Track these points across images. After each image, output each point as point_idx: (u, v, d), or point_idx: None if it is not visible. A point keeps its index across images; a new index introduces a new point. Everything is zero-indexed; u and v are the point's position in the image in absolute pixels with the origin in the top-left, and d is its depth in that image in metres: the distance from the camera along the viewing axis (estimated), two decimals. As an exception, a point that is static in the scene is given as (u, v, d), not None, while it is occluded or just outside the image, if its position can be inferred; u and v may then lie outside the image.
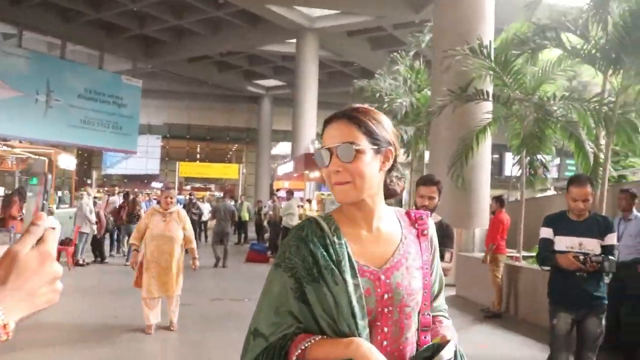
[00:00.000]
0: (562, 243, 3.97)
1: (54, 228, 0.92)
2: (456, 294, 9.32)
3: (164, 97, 35.83)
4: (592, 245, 3.90)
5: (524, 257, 8.68)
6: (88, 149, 30.00)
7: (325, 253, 1.41)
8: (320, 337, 1.35)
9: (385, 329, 1.42)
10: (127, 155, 35.78)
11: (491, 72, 8.75)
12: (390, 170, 1.54)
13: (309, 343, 1.34)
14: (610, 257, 3.85)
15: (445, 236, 3.70)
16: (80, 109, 24.74)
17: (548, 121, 8.14)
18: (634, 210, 6.06)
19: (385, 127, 1.49)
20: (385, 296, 1.43)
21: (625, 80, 7.66)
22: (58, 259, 7.27)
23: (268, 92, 35.25)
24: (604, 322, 4.01)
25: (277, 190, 26.96)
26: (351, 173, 1.41)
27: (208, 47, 26.39)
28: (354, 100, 9.34)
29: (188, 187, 37.67)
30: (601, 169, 7.88)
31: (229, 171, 39.92)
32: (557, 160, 23.06)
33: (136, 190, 29.08)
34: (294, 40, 23.70)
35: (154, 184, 38.29)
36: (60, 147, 26.61)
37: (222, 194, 22.83)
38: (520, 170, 8.88)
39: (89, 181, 32.55)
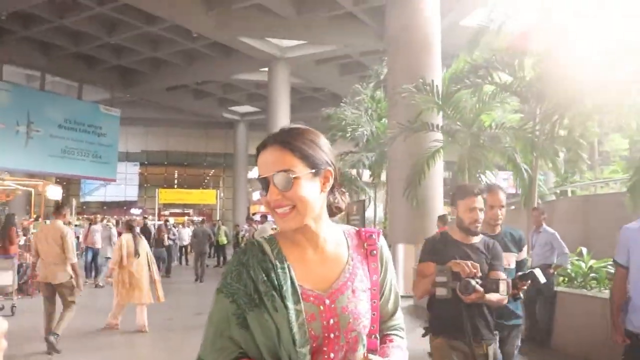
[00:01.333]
0: None
1: None
2: (414, 304, 10.43)
3: (142, 125, 36.83)
4: (508, 259, 3.53)
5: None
6: (67, 177, 30.71)
7: (265, 278, 1.39)
8: None
9: (332, 355, 1.40)
10: (105, 183, 36.54)
11: (434, 106, 10.00)
12: (332, 189, 1.50)
13: None
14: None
15: (495, 257, 3.26)
16: (60, 139, 25.57)
17: (483, 148, 9.41)
18: (544, 224, 7.28)
19: (322, 146, 1.45)
20: (331, 321, 1.40)
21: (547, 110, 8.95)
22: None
23: (243, 118, 36.44)
24: (518, 343, 3.76)
25: (254, 214, 27.99)
26: (292, 200, 1.38)
27: (184, 76, 27.55)
28: (323, 127, 10.73)
29: (167, 213, 38.45)
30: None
31: (206, 197, 40.88)
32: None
33: (115, 217, 29.82)
34: (266, 69, 24.97)
35: (133, 210, 39.03)
36: (39, 177, 27.44)
37: (200, 219, 23.94)
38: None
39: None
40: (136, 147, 39.36)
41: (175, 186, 42.32)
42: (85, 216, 36.13)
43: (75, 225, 27.17)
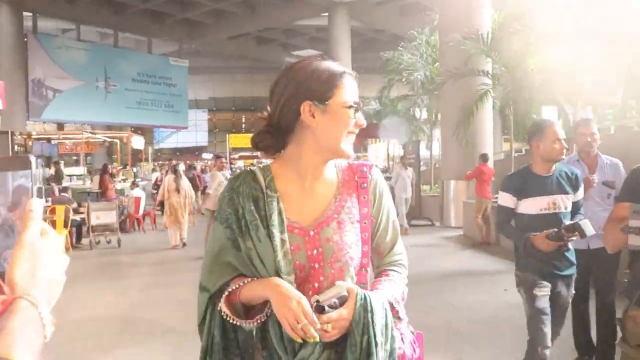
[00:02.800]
0: (533, 206, 3.38)
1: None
2: (463, 233, 11.67)
3: (209, 73, 38.60)
4: (565, 203, 3.38)
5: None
6: (143, 127, 33.03)
7: (253, 207, 1.45)
8: (250, 279, 1.43)
9: (316, 285, 1.45)
10: (176, 130, 38.91)
11: (481, 52, 10.88)
12: None
13: (241, 284, 1.42)
14: (581, 215, 3.44)
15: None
16: (135, 92, 27.81)
17: (525, 90, 10.31)
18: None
19: None
20: (315, 252, 1.45)
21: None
22: (141, 224, 10.40)
23: (306, 62, 37.52)
24: (573, 291, 3.56)
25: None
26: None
27: (246, 25, 28.76)
28: (383, 69, 12.16)
29: (236, 156, 40.57)
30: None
31: (273, 140, 42.70)
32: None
33: (188, 162, 32.10)
34: (327, 14, 25.83)
35: (204, 155, 41.41)
36: (115, 128, 29.82)
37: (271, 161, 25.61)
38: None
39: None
40: (204, 94, 41.35)
41: (243, 130, 44.28)
42: (160, 162, 38.90)
43: (153, 171, 29.54)
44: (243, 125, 44.85)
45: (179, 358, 4.79)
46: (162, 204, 11.15)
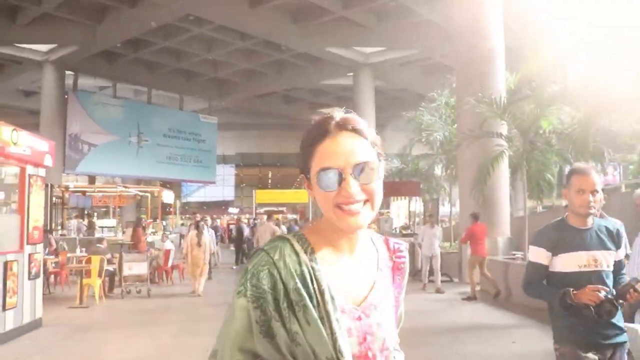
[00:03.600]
0: (570, 262, 3.01)
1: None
2: (480, 289, 11.99)
3: (237, 129, 39.87)
4: (607, 260, 3.03)
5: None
6: (171, 181, 34.10)
7: (300, 285, 1.20)
8: None
9: None
10: (203, 185, 39.99)
11: (495, 115, 11.49)
12: None
13: None
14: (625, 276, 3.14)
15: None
16: (165, 147, 29.03)
17: (538, 150, 10.85)
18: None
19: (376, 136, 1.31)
20: (368, 338, 1.26)
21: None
22: (170, 275, 11.27)
23: (332, 120, 38.65)
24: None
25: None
26: (368, 194, 1.23)
27: (274, 84, 30.08)
28: (407, 126, 13.01)
29: (262, 211, 41.36)
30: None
31: (299, 196, 43.36)
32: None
33: (214, 216, 32.88)
34: (352, 74, 26.91)
35: (230, 209, 42.30)
36: (145, 181, 30.91)
37: (296, 216, 26.32)
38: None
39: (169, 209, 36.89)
40: (232, 150, 42.55)
41: (269, 186, 45.22)
42: (187, 215, 39.81)
43: (181, 225, 30.37)
44: (269, 181, 45.81)
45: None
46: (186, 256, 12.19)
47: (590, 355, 2.96)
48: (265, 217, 15.93)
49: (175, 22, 21.56)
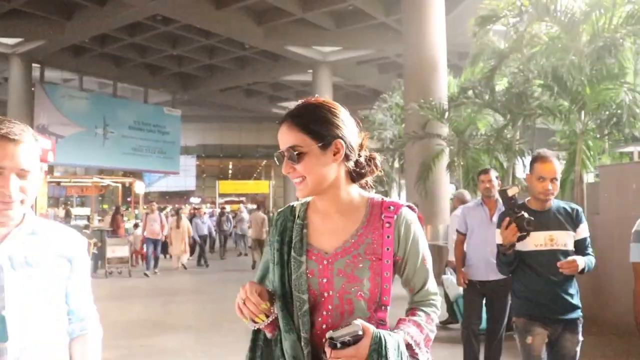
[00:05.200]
0: (528, 242, 3.22)
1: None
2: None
3: (199, 121, 41.16)
4: (564, 239, 3.28)
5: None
6: (135, 171, 35.19)
7: (278, 237, 1.66)
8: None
9: (324, 313, 1.54)
10: (164, 175, 41.17)
11: (435, 119, 13.36)
12: (347, 158, 1.60)
13: None
14: (590, 255, 3.34)
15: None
16: (130, 138, 30.20)
17: (470, 150, 12.79)
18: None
19: (333, 120, 1.58)
20: (324, 280, 1.55)
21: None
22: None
23: (291, 113, 40.38)
24: (580, 337, 3.33)
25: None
26: (301, 172, 1.56)
27: (236, 79, 31.60)
28: (362, 125, 14.99)
29: (222, 201, 42.80)
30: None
31: (260, 187, 45.21)
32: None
33: (176, 205, 34.14)
34: (311, 71, 28.61)
35: (192, 199, 43.57)
36: (106, 171, 32.00)
37: (255, 206, 27.81)
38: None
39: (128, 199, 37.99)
40: (193, 141, 43.82)
41: (230, 176, 46.66)
42: (145, 206, 40.89)
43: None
44: (230, 172, 47.25)
45: (199, 347, 6.98)
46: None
47: (537, 328, 3.24)
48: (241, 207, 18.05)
49: (142, 20, 22.77)
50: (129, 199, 29.76)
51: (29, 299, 1.54)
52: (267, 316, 1.54)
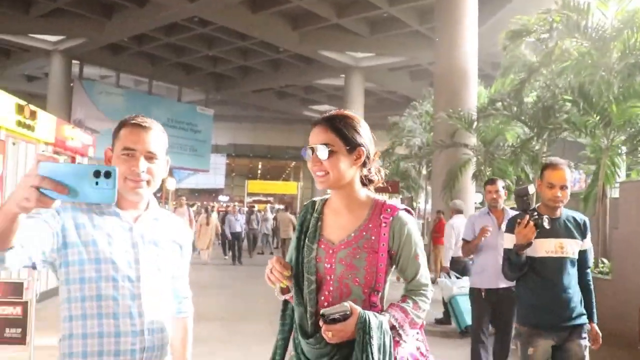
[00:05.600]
0: (539, 248, 3.28)
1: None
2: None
3: (231, 121, 41.86)
4: (573, 248, 3.35)
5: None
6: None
7: (300, 227, 1.99)
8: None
9: (326, 293, 1.86)
10: (194, 172, 41.93)
11: (463, 129, 13.60)
12: (364, 165, 1.93)
13: None
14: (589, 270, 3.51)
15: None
16: (164, 136, 30.74)
17: (497, 161, 13.01)
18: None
19: (359, 130, 1.90)
20: (328, 266, 1.87)
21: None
22: None
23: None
24: (587, 342, 3.37)
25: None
26: (327, 167, 1.84)
27: (269, 81, 32.11)
28: (391, 129, 15.20)
29: (250, 200, 43.39)
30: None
31: (288, 188, 45.69)
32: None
33: (205, 202, 34.79)
34: (343, 76, 28.97)
35: (221, 197, 44.28)
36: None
37: (282, 206, 28.42)
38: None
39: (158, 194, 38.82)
40: (224, 140, 44.51)
41: (259, 176, 47.27)
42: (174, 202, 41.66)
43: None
44: (259, 171, 47.84)
45: (227, 337, 7.38)
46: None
47: (541, 339, 3.27)
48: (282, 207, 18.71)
49: (179, 21, 23.42)
50: (158, 194, 30.47)
51: (155, 272, 1.83)
52: (289, 283, 1.89)
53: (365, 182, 1.99)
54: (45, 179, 1.18)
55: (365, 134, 1.93)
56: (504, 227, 4.67)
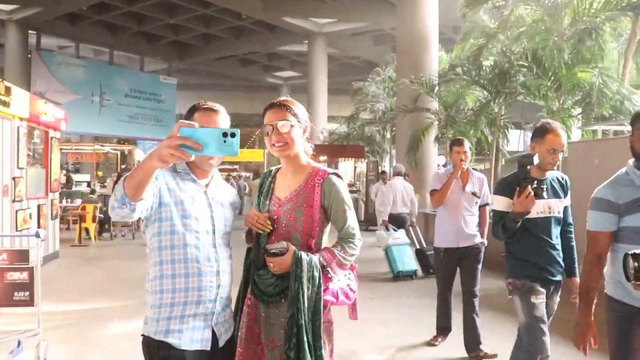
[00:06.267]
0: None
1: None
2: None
3: (194, 90, 41.65)
4: (558, 207, 3.55)
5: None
6: (130, 139, 35.82)
7: (259, 187, 2.56)
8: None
9: (274, 237, 2.38)
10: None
11: (425, 94, 14.14)
12: (306, 139, 2.48)
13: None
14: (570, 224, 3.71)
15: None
16: (127, 106, 30.70)
17: (457, 124, 13.62)
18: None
19: (303, 112, 2.43)
20: (275, 217, 2.41)
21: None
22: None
23: (286, 82, 40.88)
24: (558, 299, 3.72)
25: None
26: (286, 139, 2.35)
27: (232, 48, 32.08)
28: (355, 94, 15.72)
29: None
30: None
31: (255, 155, 45.78)
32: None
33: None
34: (306, 42, 29.17)
35: (186, 167, 44.25)
36: (101, 139, 32.52)
37: (250, 175, 28.79)
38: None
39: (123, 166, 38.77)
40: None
41: (224, 145, 47.28)
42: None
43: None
44: (224, 139, 47.90)
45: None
46: None
47: (541, 289, 3.47)
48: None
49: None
50: (123, 166, 30.54)
51: (223, 226, 2.33)
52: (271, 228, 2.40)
53: (305, 152, 2.52)
54: (186, 138, 1.65)
55: (306, 114, 2.47)
56: (468, 187, 5.17)
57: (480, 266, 5.22)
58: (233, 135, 1.71)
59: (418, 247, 10.22)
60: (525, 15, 12.01)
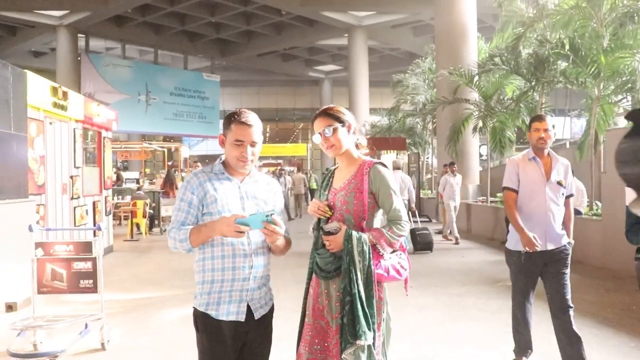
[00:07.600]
0: None
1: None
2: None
3: (237, 86, 42.48)
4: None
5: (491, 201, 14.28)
6: (177, 136, 36.82)
7: (321, 182, 3.07)
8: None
9: (330, 220, 2.79)
10: (203, 139, 42.69)
11: (464, 85, 14.27)
12: (354, 133, 2.87)
13: None
14: None
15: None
16: (172, 104, 31.62)
17: (497, 114, 13.72)
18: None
19: (345, 113, 2.84)
20: (332, 203, 2.85)
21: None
22: None
23: (327, 76, 41.26)
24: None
25: (339, 162, 33.09)
26: (333, 141, 2.78)
27: (273, 44, 32.64)
28: (395, 86, 16.07)
29: (260, 163, 44.25)
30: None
31: (298, 149, 46.47)
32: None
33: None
34: (346, 35, 29.44)
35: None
36: (148, 137, 33.41)
37: (293, 169, 29.26)
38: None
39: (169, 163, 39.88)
40: (232, 106, 45.14)
41: (267, 140, 47.97)
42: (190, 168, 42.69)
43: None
44: (267, 135, 48.54)
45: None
46: None
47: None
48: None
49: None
50: (169, 163, 31.51)
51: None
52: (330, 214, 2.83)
53: (358, 146, 2.94)
54: (239, 225, 2.33)
55: (349, 115, 2.87)
56: (554, 176, 4.13)
57: (569, 271, 4.18)
58: (272, 214, 2.38)
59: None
60: (563, 3, 12.00)
